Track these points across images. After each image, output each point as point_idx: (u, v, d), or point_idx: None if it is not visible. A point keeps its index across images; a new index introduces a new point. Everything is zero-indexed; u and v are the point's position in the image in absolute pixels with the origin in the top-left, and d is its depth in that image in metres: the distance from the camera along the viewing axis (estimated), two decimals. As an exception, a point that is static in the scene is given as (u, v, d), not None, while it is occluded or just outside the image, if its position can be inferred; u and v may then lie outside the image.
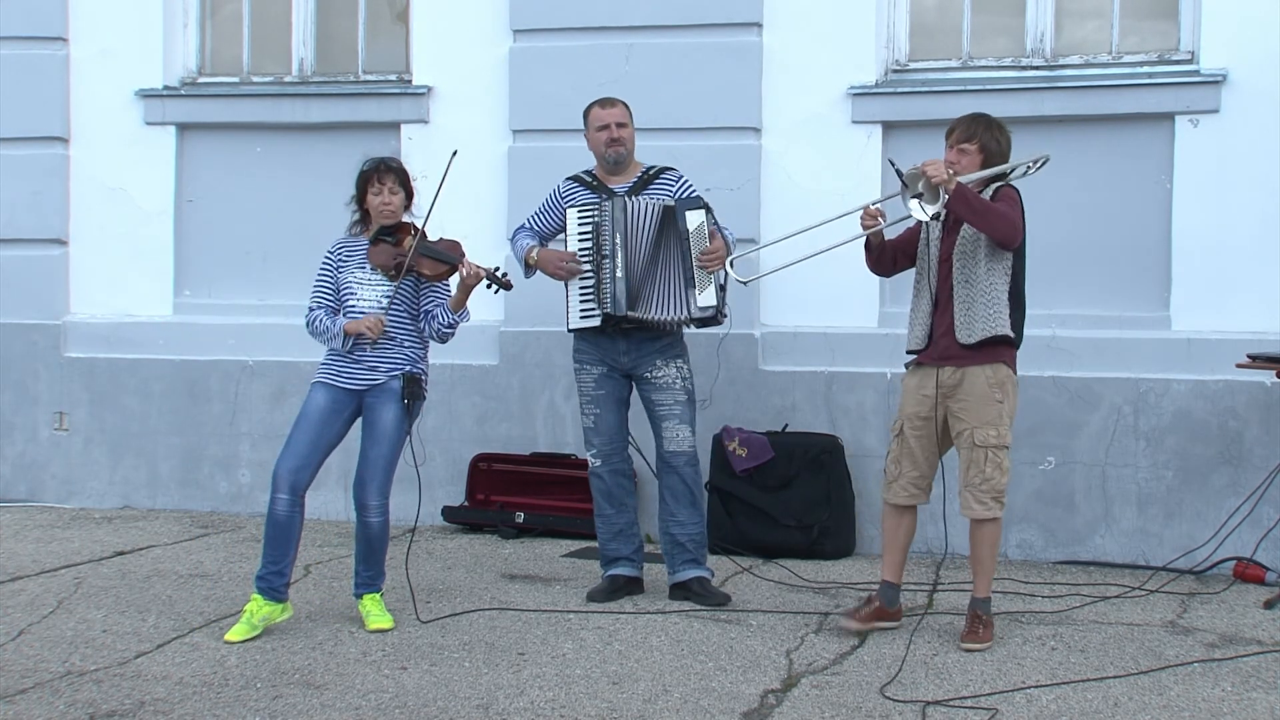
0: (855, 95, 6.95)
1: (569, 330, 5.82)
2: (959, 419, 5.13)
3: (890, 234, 5.42)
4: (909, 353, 5.34)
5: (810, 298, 6.83)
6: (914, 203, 4.98)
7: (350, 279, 5.38)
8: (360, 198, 5.44)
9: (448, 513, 7.26)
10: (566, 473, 7.16)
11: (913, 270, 5.37)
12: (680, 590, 5.76)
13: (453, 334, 5.46)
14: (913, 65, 7.08)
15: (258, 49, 7.92)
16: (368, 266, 5.38)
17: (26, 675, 4.66)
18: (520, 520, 7.10)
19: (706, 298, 5.69)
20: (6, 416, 7.94)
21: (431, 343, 5.50)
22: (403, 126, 7.52)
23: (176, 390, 7.73)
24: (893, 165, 5.07)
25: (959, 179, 4.98)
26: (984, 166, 5.15)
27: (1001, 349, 5.13)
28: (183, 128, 7.84)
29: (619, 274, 5.66)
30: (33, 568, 6.28)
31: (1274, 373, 6.06)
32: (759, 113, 7.05)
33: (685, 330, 5.88)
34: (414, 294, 5.43)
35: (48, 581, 6.03)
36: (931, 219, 5.02)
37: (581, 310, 5.74)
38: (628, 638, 5.21)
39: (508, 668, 4.80)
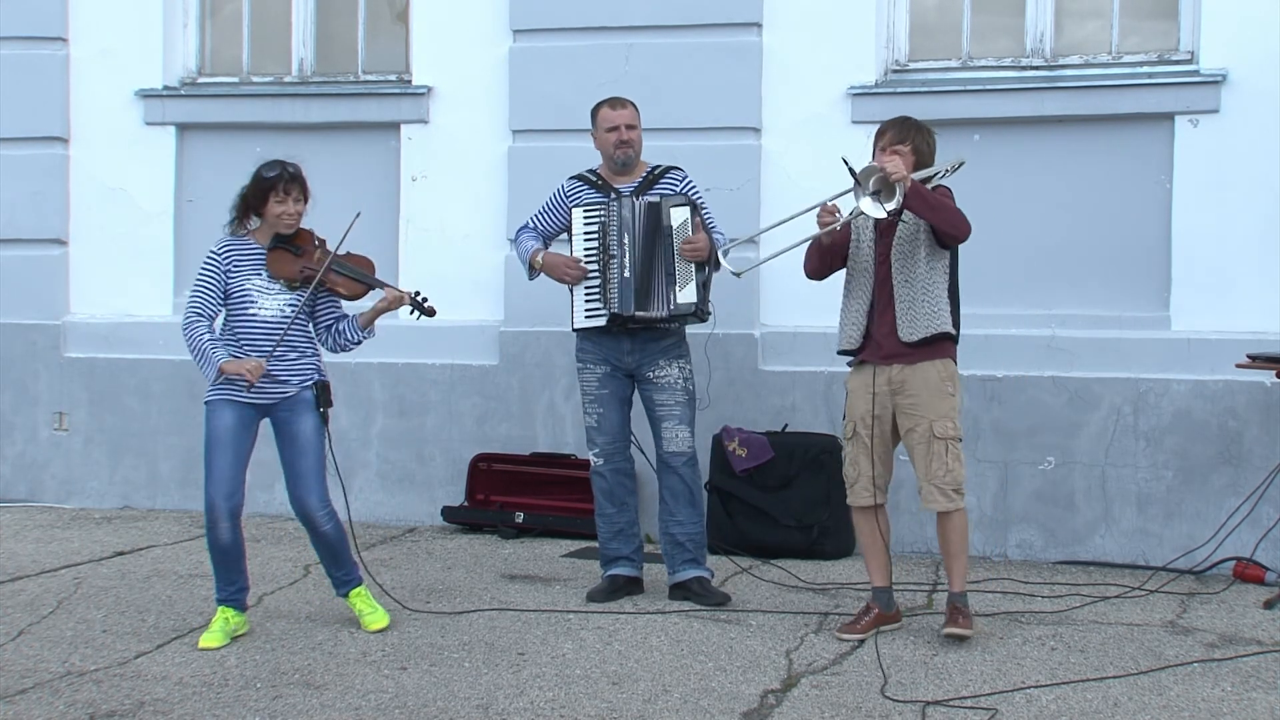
0: (855, 95, 6.95)
1: (574, 330, 5.81)
2: (911, 414, 5.16)
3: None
4: (841, 353, 5.36)
5: (810, 298, 6.81)
6: (867, 200, 5.00)
7: (248, 285, 5.15)
8: (257, 202, 5.18)
9: (447, 513, 7.26)
10: (566, 473, 7.16)
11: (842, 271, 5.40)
12: (680, 590, 5.76)
13: (354, 349, 5.36)
14: (913, 65, 7.07)
15: (257, 49, 7.93)
16: (266, 274, 5.17)
17: (26, 675, 4.66)
18: (520, 520, 7.10)
19: (686, 294, 5.66)
20: (6, 416, 7.94)
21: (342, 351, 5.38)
22: (402, 126, 7.52)
23: (176, 390, 7.72)
24: (845, 163, 5.08)
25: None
26: (915, 168, 5.20)
27: (946, 344, 5.19)
28: (183, 128, 7.85)
29: (626, 274, 5.66)
30: (32, 568, 6.28)
31: (1274, 373, 6.06)
32: (759, 113, 7.05)
33: (686, 329, 5.88)
34: (312, 303, 5.26)
35: (47, 582, 6.03)
36: (888, 215, 5.03)
37: (587, 310, 5.73)
38: (627, 638, 5.21)
39: (507, 668, 4.80)
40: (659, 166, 5.90)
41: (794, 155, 7.01)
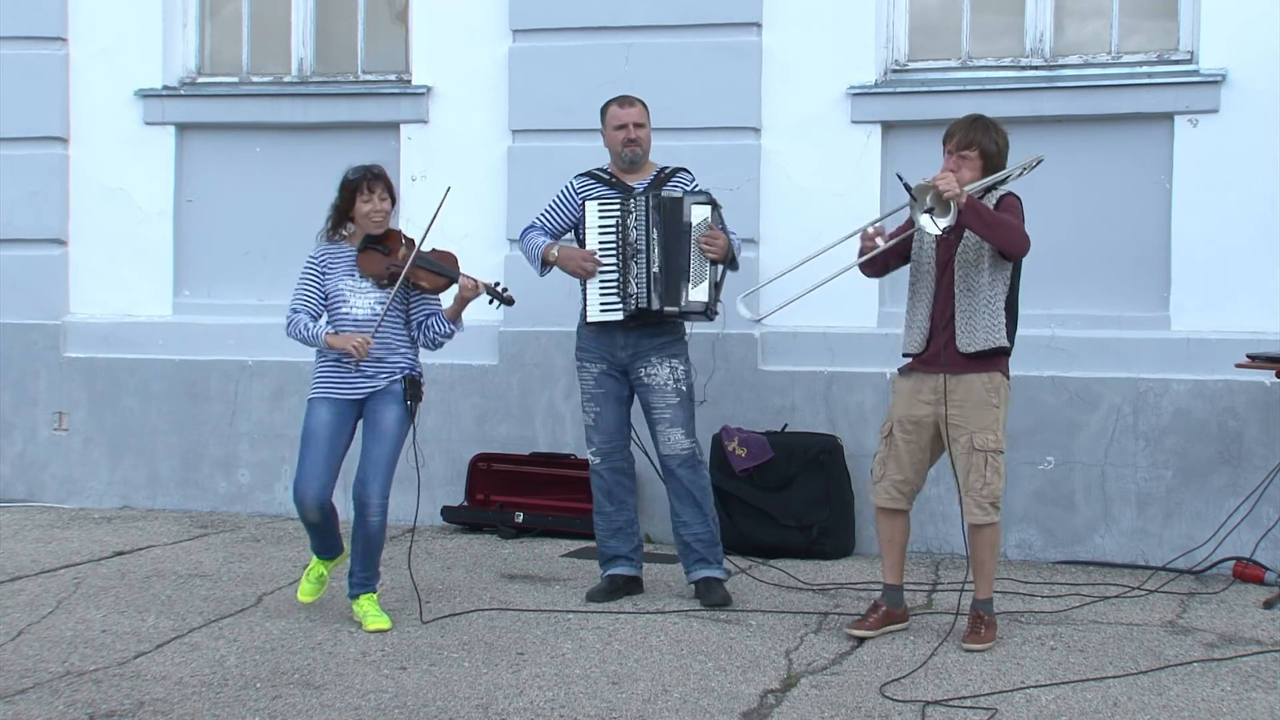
0: (855, 95, 6.95)
1: (587, 323, 5.79)
2: (956, 425, 5.14)
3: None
4: (905, 355, 5.34)
5: (810, 298, 6.80)
6: (924, 218, 4.95)
7: (341, 286, 5.38)
8: (347, 206, 5.41)
9: (447, 513, 7.26)
10: (566, 473, 7.16)
11: (906, 268, 5.37)
12: (694, 589, 5.79)
13: (446, 343, 5.53)
14: (912, 65, 7.07)
15: (257, 49, 7.92)
16: (357, 274, 5.39)
17: (26, 675, 4.66)
18: (520, 520, 7.10)
19: (699, 292, 5.67)
20: (6, 416, 7.94)
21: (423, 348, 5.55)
22: (402, 126, 7.52)
23: (176, 390, 7.73)
24: (900, 180, 5.03)
25: (967, 190, 4.98)
26: (984, 170, 5.15)
27: (998, 358, 5.16)
28: (182, 128, 7.84)
29: (654, 269, 5.65)
30: (32, 568, 6.28)
31: (1273, 372, 6.07)
32: (758, 113, 7.05)
33: (685, 327, 5.88)
34: (405, 300, 5.46)
35: (47, 581, 6.03)
36: (943, 233, 4.99)
37: (603, 304, 5.71)
38: (627, 638, 5.21)
39: (507, 668, 4.80)
40: (667, 167, 5.89)
41: (794, 155, 7.01)
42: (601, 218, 5.74)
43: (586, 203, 5.79)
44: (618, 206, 5.72)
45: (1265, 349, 6.16)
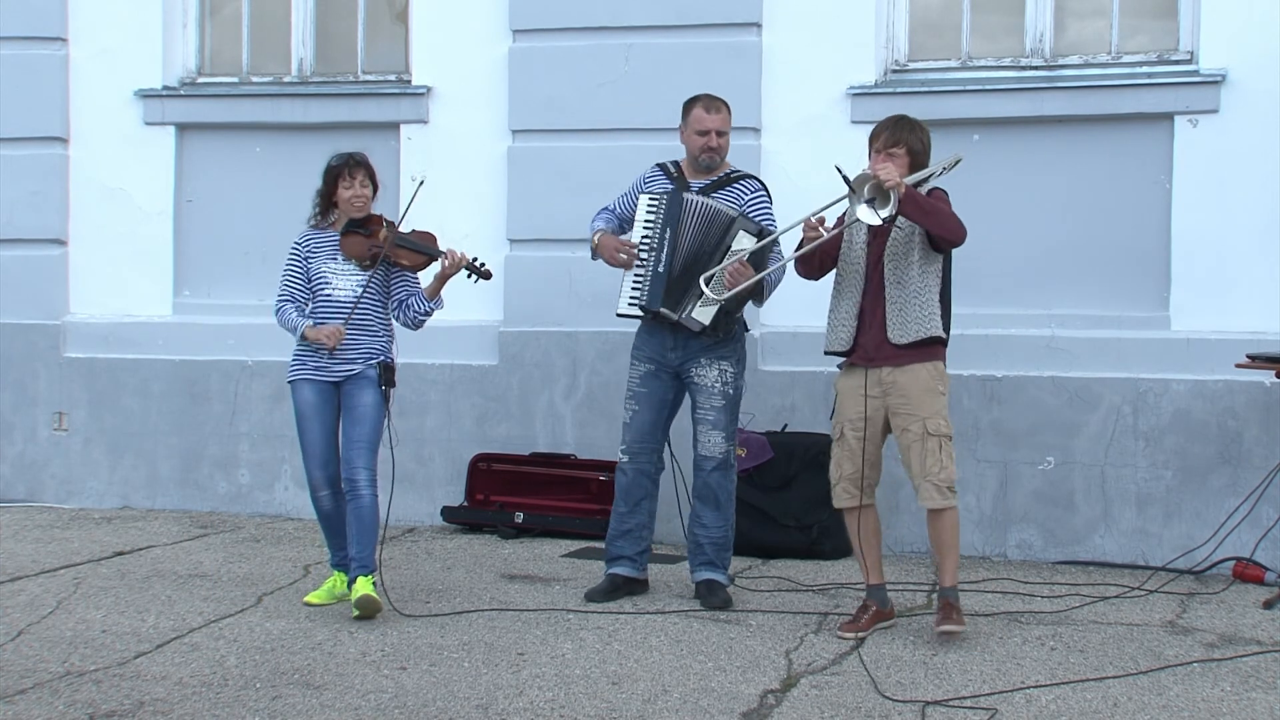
0: (855, 95, 6.95)
1: (617, 315, 5.78)
2: (904, 414, 5.19)
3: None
4: (828, 353, 5.39)
5: (809, 298, 6.81)
6: (863, 208, 5.01)
7: (324, 269, 5.59)
8: (330, 192, 5.61)
9: (447, 513, 7.26)
10: (566, 473, 7.15)
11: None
12: (695, 589, 5.79)
13: (426, 321, 5.69)
14: (912, 65, 7.07)
15: (257, 49, 7.93)
16: (340, 257, 5.58)
17: (26, 675, 4.66)
18: (519, 520, 7.10)
19: (704, 314, 5.58)
20: (6, 417, 7.94)
21: (407, 330, 5.72)
22: (402, 127, 7.52)
23: (176, 390, 7.73)
24: (839, 171, 5.07)
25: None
26: (910, 168, 5.22)
27: (936, 347, 5.23)
28: (182, 128, 7.85)
29: (660, 268, 5.63)
30: (32, 568, 6.28)
31: (1273, 373, 6.07)
32: (759, 113, 7.04)
33: (742, 330, 5.84)
34: (385, 282, 5.64)
35: (47, 582, 6.03)
36: (883, 222, 5.05)
37: (630, 298, 5.71)
38: (627, 638, 5.21)
39: (507, 668, 4.80)
40: (736, 171, 5.84)
41: (794, 155, 7.00)
42: (648, 211, 5.71)
43: (640, 196, 5.77)
44: (660, 202, 5.69)
45: (1265, 349, 6.16)
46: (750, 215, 5.67)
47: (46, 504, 7.84)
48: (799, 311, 6.92)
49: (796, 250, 5.37)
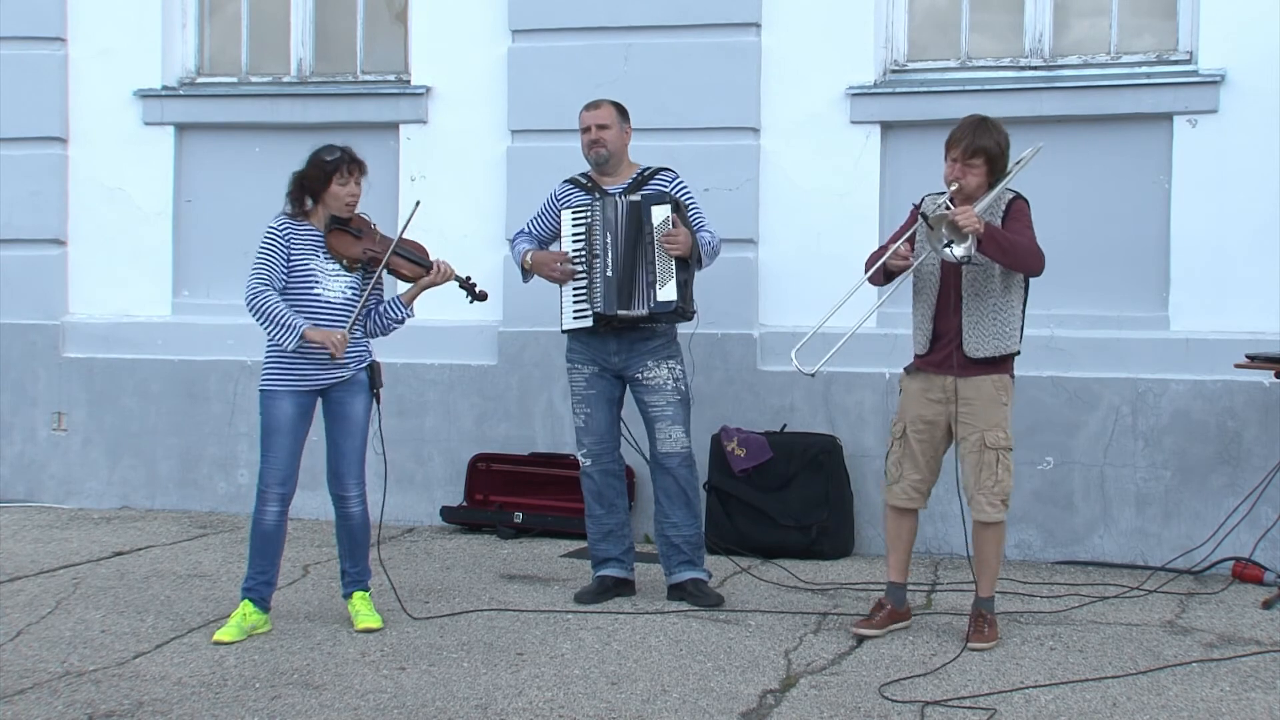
0: (854, 95, 6.95)
1: (563, 331, 5.82)
2: (966, 423, 5.15)
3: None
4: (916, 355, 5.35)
5: (809, 298, 6.83)
6: (945, 250, 4.97)
7: (312, 266, 5.24)
8: (318, 186, 5.27)
9: (446, 513, 7.26)
10: (565, 473, 7.15)
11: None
12: (676, 591, 5.77)
13: (398, 328, 5.47)
14: (911, 65, 7.07)
15: (256, 49, 7.92)
16: (324, 255, 5.28)
17: (25, 675, 4.66)
18: (518, 520, 7.10)
19: (666, 292, 5.62)
20: (5, 417, 7.94)
21: (393, 332, 5.50)
22: (401, 127, 7.52)
23: (175, 390, 7.72)
24: (924, 219, 5.04)
25: (974, 210, 4.98)
26: (989, 174, 5.13)
27: (1007, 361, 5.19)
28: (181, 128, 7.84)
29: (609, 273, 5.65)
30: (31, 568, 6.28)
31: (1272, 373, 6.07)
32: (758, 113, 7.04)
33: (677, 329, 5.87)
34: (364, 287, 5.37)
35: (46, 582, 6.02)
36: (962, 263, 5.02)
37: (575, 311, 5.74)
38: (626, 638, 5.21)
39: (506, 668, 4.80)
40: (649, 168, 5.89)
41: (793, 155, 7.01)
42: (574, 225, 5.77)
43: (562, 212, 5.83)
44: (586, 213, 5.74)
45: (1264, 349, 6.16)
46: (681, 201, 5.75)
47: (45, 504, 7.84)
48: (798, 312, 6.92)
49: (881, 266, 5.25)
